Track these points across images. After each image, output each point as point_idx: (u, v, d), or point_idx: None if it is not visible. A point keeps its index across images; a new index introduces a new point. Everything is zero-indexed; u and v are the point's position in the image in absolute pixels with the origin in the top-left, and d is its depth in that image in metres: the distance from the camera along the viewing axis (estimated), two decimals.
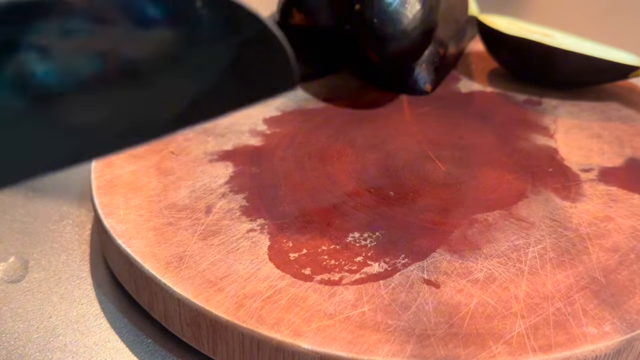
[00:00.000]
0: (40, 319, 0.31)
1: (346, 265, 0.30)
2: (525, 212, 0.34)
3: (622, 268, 0.31)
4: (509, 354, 0.26)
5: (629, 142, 0.41)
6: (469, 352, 0.26)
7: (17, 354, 0.29)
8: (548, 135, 0.42)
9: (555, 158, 0.39)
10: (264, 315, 0.27)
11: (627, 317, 0.28)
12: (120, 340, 0.30)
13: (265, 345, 0.27)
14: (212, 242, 0.31)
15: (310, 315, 0.28)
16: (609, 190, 0.36)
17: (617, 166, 0.39)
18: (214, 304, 0.28)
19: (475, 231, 0.33)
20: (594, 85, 0.47)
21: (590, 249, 0.32)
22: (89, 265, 0.35)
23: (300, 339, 0.26)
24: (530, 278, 0.30)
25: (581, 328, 0.27)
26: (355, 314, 0.28)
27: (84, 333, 0.31)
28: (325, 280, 0.29)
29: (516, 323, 0.28)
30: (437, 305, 0.28)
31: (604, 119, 0.44)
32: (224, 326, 0.27)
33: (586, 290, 0.29)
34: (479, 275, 0.30)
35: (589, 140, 0.41)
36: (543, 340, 0.27)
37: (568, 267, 0.31)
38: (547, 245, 0.32)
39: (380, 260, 0.31)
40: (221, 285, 0.29)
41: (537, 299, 0.29)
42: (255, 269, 0.30)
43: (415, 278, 0.30)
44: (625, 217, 0.34)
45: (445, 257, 0.31)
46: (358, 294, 0.29)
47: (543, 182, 0.37)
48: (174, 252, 0.31)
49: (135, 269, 0.30)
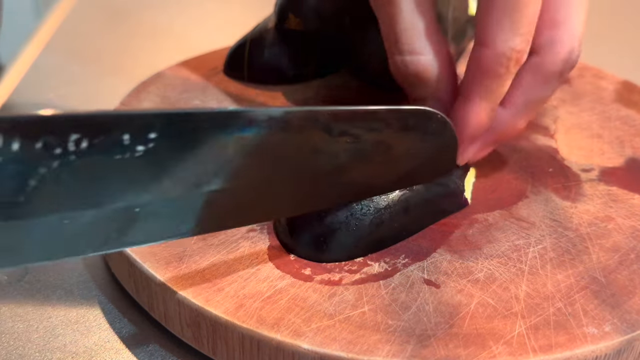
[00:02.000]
0: (40, 319, 0.31)
1: (346, 265, 0.30)
2: (525, 212, 0.34)
3: (622, 268, 0.31)
4: (509, 354, 0.26)
5: (629, 142, 0.41)
6: (469, 352, 0.26)
7: (17, 354, 0.29)
8: (548, 135, 0.42)
9: (556, 158, 0.39)
10: (264, 315, 0.27)
11: (628, 317, 0.28)
12: (120, 340, 0.30)
13: (265, 345, 0.27)
14: (212, 242, 0.31)
15: (310, 316, 0.28)
16: (609, 190, 0.36)
17: (618, 166, 0.39)
18: (213, 304, 0.28)
19: (475, 231, 0.33)
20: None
21: (590, 249, 0.32)
22: (88, 265, 0.34)
23: (300, 339, 0.26)
24: (530, 278, 0.30)
25: (581, 328, 0.27)
26: (355, 314, 0.28)
27: (83, 333, 0.31)
28: (325, 281, 0.29)
29: (516, 323, 0.28)
30: (438, 305, 0.28)
31: (604, 119, 0.43)
32: (224, 326, 0.27)
33: (586, 290, 0.29)
34: (479, 276, 0.30)
35: (589, 140, 0.41)
36: (543, 340, 0.27)
37: (568, 267, 0.31)
38: (548, 245, 0.32)
39: (380, 260, 0.31)
40: (221, 285, 0.29)
41: (537, 299, 0.29)
42: (255, 269, 0.30)
43: (416, 278, 0.30)
44: (625, 217, 0.34)
45: (445, 257, 0.31)
46: (358, 294, 0.29)
47: (543, 182, 0.37)
48: (173, 252, 0.31)
49: (135, 269, 0.30)
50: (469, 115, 0.32)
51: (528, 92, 0.33)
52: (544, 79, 0.33)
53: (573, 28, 0.32)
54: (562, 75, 0.33)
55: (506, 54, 0.31)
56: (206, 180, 0.25)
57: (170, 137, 0.23)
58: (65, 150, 0.21)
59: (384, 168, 0.30)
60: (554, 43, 0.32)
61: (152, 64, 0.49)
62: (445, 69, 0.33)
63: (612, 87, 0.47)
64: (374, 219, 0.31)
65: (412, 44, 0.32)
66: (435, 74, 0.33)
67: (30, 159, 0.21)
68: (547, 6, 0.32)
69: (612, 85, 0.47)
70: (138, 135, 0.22)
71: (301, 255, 0.31)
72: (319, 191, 0.29)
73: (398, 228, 0.32)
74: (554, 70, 0.32)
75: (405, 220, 0.32)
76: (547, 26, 0.32)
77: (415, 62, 0.33)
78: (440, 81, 0.33)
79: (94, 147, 0.21)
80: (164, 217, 0.25)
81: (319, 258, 0.30)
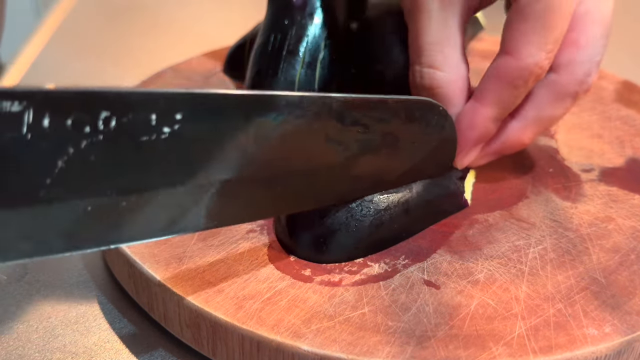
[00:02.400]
0: (40, 319, 0.31)
1: (346, 266, 0.30)
2: (525, 213, 0.34)
3: (622, 269, 0.31)
4: (509, 356, 0.26)
5: (629, 142, 0.41)
6: (469, 353, 0.26)
7: (17, 354, 0.29)
8: (548, 135, 0.42)
9: (556, 158, 0.39)
10: (263, 316, 0.27)
11: (628, 318, 0.28)
12: (120, 340, 0.30)
13: (265, 346, 0.27)
14: (211, 243, 0.31)
15: (310, 317, 0.28)
16: (609, 191, 0.36)
17: (618, 166, 0.39)
18: (213, 305, 0.28)
19: (475, 232, 0.33)
20: None
21: (590, 250, 0.32)
22: (88, 265, 0.34)
23: (300, 340, 0.26)
24: (530, 279, 0.30)
25: (582, 329, 0.27)
26: (355, 315, 0.28)
27: (83, 333, 0.31)
28: (325, 282, 0.29)
29: (516, 324, 0.28)
30: (438, 306, 0.28)
31: (604, 119, 0.43)
32: (224, 327, 0.27)
33: (587, 291, 0.29)
34: (480, 276, 0.30)
35: (589, 140, 0.41)
36: (543, 341, 0.27)
37: (568, 267, 0.31)
38: (548, 245, 0.32)
39: (380, 261, 0.31)
40: (221, 286, 0.29)
41: (537, 300, 0.29)
42: (255, 270, 0.30)
43: (416, 279, 0.30)
44: (625, 218, 0.34)
45: (445, 258, 0.31)
46: (358, 295, 0.29)
47: (543, 183, 0.37)
48: (173, 253, 0.31)
49: (135, 270, 0.30)
50: (477, 119, 0.33)
51: (540, 107, 0.34)
52: (558, 97, 0.33)
53: (593, 53, 0.33)
54: (576, 96, 0.34)
55: (529, 68, 0.31)
56: (223, 169, 0.24)
57: (194, 119, 0.22)
58: (95, 129, 0.20)
59: (391, 161, 0.30)
60: (573, 64, 0.33)
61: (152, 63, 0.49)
62: (457, 90, 0.33)
63: (612, 87, 0.47)
64: (374, 220, 0.31)
65: (434, 58, 0.33)
66: (447, 93, 0.33)
67: (61, 136, 0.20)
68: (572, 29, 0.33)
69: (612, 85, 0.47)
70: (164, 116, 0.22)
71: (301, 256, 0.31)
72: (329, 184, 0.29)
73: (398, 229, 0.32)
74: (569, 90, 0.33)
75: (405, 221, 0.32)
76: (568, 47, 0.33)
77: (432, 75, 0.33)
78: (450, 100, 0.33)
79: (121, 127, 0.21)
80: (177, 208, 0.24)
81: (319, 259, 0.30)
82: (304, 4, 0.39)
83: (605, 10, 0.33)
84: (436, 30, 0.33)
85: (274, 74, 0.39)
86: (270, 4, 0.41)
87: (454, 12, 0.33)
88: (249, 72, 0.40)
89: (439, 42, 0.33)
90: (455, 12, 0.33)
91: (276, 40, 0.39)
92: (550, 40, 0.31)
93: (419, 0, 0.33)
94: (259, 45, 0.40)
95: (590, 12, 0.33)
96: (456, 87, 0.33)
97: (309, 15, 0.39)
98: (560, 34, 0.32)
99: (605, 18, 0.33)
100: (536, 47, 0.31)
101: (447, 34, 0.33)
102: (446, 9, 0.33)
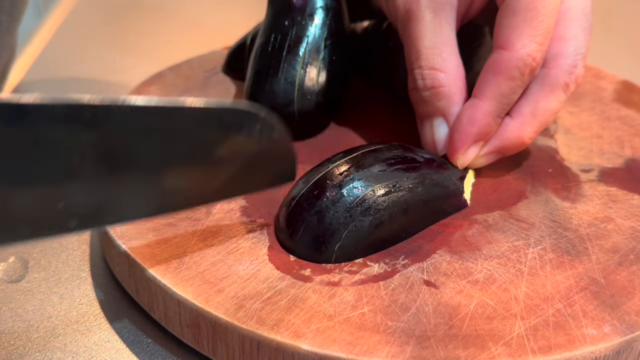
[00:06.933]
0: (40, 319, 0.31)
1: (346, 266, 0.30)
2: (525, 213, 0.34)
3: (621, 269, 0.31)
4: (508, 356, 0.26)
5: (629, 143, 0.41)
6: (469, 353, 0.26)
7: (17, 354, 0.29)
8: (548, 135, 0.42)
9: (555, 158, 0.39)
10: (263, 316, 0.27)
11: (627, 318, 0.28)
12: (120, 340, 0.30)
13: (265, 346, 0.27)
14: (212, 243, 0.31)
15: (310, 317, 0.28)
16: (608, 191, 0.36)
17: (617, 167, 0.39)
18: (213, 305, 0.28)
19: (475, 232, 0.33)
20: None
21: (590, 250, 0.32)
22: (89, 265, 0.35)
23: (300, 340, 0.26)
24: (530, 279, 0.30)
25: (581, 329, 0.27)
26: (355, 315, 0.28)
27: (83, 333, 0.31)
28: (325, 282, 0.29)
29: (516, 324, 0.28)
30: (437, 306, 0.28)
31: (603, 119, 0.44)
32: (224, 327, 0.27)
33: (586, 291, 0.29)
34: (479, 276, 0.30)
35: (589, 140, 0.41)
36: (543, 341, 0.27)
37: (568, 268, 0.31)
38: (547, 246, 0.32)
39: (380, 261, 0.31)
40: (221, 286, 0.29)
41: (536, 300, 0.29)
42: (255, 269, 0.30)
43: (415, 279, 0.30)
44: (625, 218, 0.34)
45: (445, 258, 0.31)
46: (358, 295, 0.29)
47: (543, 183, 0.37)
48: (174, 252, 0.31)
49: (135, 269, 0.30)
50: (477, 113, 0.34)
51: (534, 101, 0.35)
52: (549, 89, 0.35)
53: (578, 45, 0.35)
54: (567, 87, 0.35)
55: (523, 59, 0.33)
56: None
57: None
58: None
59: (205, 172, 0.28)
60: (560, 56, 0.35)
61: (152, 63, 0.49)
62: (457, 90, 0.35)
63: (611, 87, 0.47)
64: (374, 220, 0.31)
65: (433, 60, 0.35)
66: (449, 92, 0.35)
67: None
68: (558, 24, 0.35)
69: (612, 85, 0.47)
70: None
71: (301, 256, 0.31)
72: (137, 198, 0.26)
73: (398, 229, 0.32)
74: (559, 81, 0.35)
75: (405, 221, 0.32)
76: (555, 42, 0.35)
77: (434, 75, 0.35)
78: (451, 100, 0.35)
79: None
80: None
81: (319, 259, 0.30)
82: (304, 5, 0.39)
83: (586, 7, 0.36)
84: (432, 36, 0.35)
85: (274, 74, 0.39)
86: (270, 4, 0.41)
87: (447, 20, 0.35)
88: (249, 72, 0.40)
89: (437, 46, 0.35)
90: (448, 20, 0.35)
91: (276, 41, 0.39)
92: (540, 30, 0.33)
93: (413, 12, 0.35)
94: (259, 45, 0.40)
95: (572, 9, 0.35)
96: (457, 86, 0.35)
97: (309, 15, 0.39)
98: (549, 25, 0.33)
99: (587, 14, 0.36)
100: (528, 38, 0.33)
101: (442, 39, 0.35)
102: (439, 17, 0.35)
